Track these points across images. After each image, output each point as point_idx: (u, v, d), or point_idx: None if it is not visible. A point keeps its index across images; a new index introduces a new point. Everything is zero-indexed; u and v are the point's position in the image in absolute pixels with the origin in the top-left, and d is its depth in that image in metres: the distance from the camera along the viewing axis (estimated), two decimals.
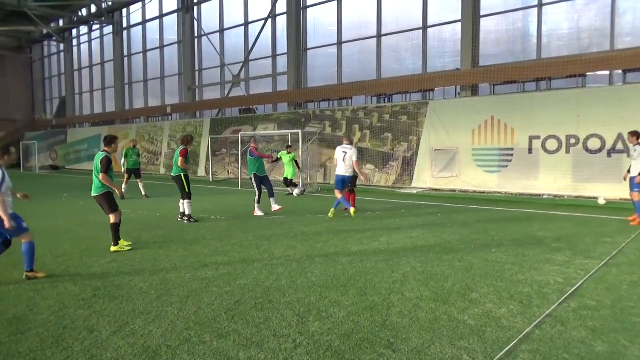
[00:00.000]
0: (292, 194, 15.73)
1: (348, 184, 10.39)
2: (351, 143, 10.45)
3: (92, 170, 7.48)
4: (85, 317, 4.50)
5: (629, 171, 9.47)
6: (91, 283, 5.60)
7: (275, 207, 11.02)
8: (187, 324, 4.28)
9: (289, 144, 16.55)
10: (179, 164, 9.98)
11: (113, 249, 7.32)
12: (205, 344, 3.87)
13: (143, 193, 15.01)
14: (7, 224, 5.39)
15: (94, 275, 5.97)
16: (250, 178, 11.23)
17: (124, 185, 14.71)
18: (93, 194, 7.38)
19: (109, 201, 7.33)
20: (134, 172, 15.17)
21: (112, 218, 7.34)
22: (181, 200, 10.25)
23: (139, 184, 15.26)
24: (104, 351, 3.75)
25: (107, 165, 7.21)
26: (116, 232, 7.37)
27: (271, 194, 11.10)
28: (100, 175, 7.14)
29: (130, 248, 7.44)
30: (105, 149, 7.37)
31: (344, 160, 10.20)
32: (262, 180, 11.19)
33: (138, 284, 5.56)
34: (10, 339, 4.01)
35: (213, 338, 3.98)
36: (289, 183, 15.78)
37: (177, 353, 3.70)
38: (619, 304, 4.69)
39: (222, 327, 4.22)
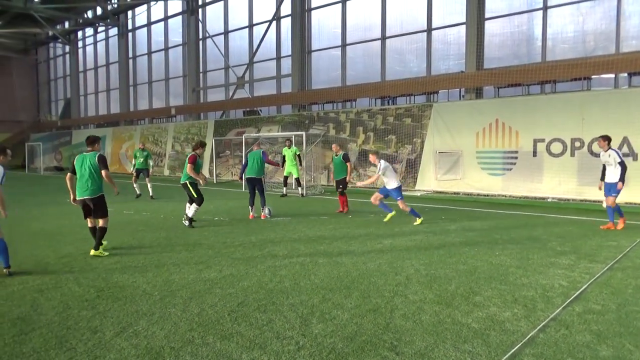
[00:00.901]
0: (300, 194, 15.79)
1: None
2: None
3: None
4: (89, 318, 4.51)
5: (602, 179, 9.34)
6: (95, 284, 5.62)
7: (250, 214, 11.06)
8: (190, 326, 4.28)
9: (288, 138, 16.60)
10: (187, 171, 9.60)
11: (93, 253, 7.06)
12: (209, 345, 3.87)
13: (150, 193, 15.21)
14: (3, 213, 6.08)
15: (98, 276, 5.98)
16: (261, 179, 11.28)
17: (134, 184, 15.62)
18: (87, 196, 7.05)
19: (105, 205, 7.23)
20: (143, 171, 15.61)
21: (103, 222, 7.18)
22: (188, 204, 10.10)
23: (147, 184, 15.39)
24: (107, 352, 3.76)
25: (107, 163, 7.20)
26: (103, 237, 7.20)
27: (252, 202, 11.13)
28: (104, 172, 7.07)
29: (108, 254, 7.17)
30: (91, 149, 7.20)
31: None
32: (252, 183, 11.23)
33: (141, 285, 5.57)
34: (14, 340, 4.03)
35: (216, 339, 3.98)
36: (297, 183, 15.86)
37: (180, 354, 3.70)
38: (624, 308, 4.66)
39: (225, 328, 4.22)
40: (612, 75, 14.00)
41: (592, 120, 12.95)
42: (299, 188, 15.94)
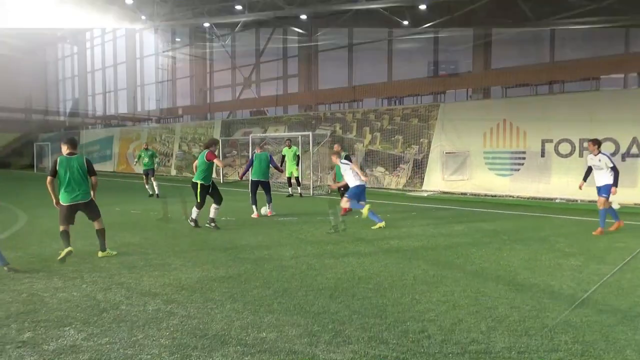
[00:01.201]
0: (299, 194, 15.78)
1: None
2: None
3: (68, 175, 6.85)
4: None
5: (584, 179, 9.08)
6: (102, 283, 5.64)
7: (254, 213, 11.16)
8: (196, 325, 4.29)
9: (289, 138, 16.65)
10: (216, 162, 9.55)
11: (101, 254, 7.01)
12: (213, 344, 3.87)
13: (156, 192, 15.42)
14: None
15: (104, 275, 6.01)
16: (268, 181, 11.40)
17: (146, 185, 15.94)
18: (81, 200, 6.88)
19: (97, 205, 7.13)
20: (149, 171, 15.87)
21: (99, 224, 7.08)
22: (213, 205, 9.76)
23: (153, 182, 15.55)
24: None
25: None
26: (105, 236, 7.12)
27: (254, 201, 11.25)
28: (95, 179, 7.00)
29: (116, 253, 7.16)
30: (72, 151, 7.06)
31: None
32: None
33: (148, 284, 5.58)
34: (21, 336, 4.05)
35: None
36: (297, 182, 15.89)
37: (185, 353, 3.70)
38: (634, 309, 4.61)
39: (231, 328, 4.22)
40: (622, 76, 13.90)
41: (601, 121, 12.85)
42: (298, 188, 15.97)
